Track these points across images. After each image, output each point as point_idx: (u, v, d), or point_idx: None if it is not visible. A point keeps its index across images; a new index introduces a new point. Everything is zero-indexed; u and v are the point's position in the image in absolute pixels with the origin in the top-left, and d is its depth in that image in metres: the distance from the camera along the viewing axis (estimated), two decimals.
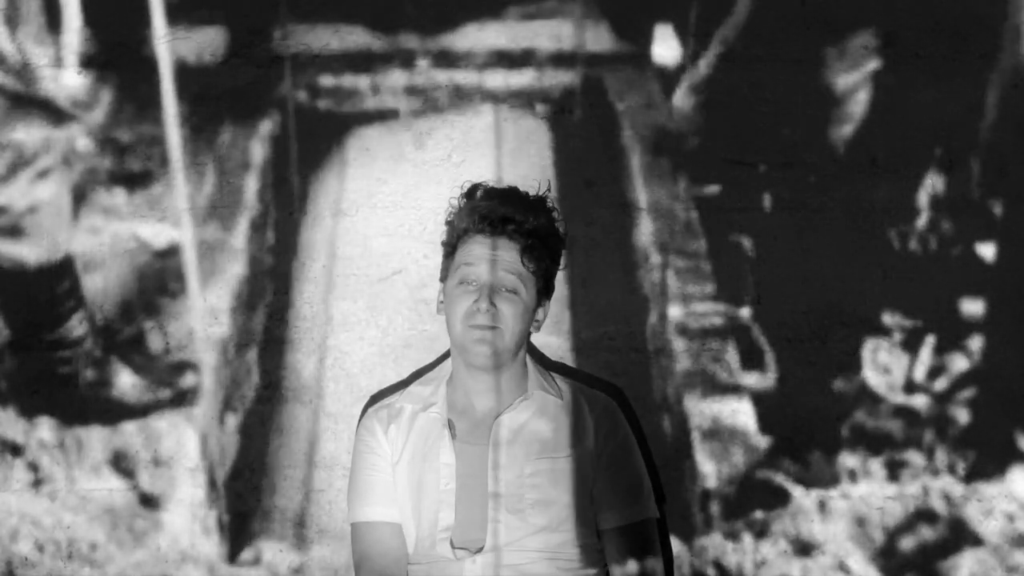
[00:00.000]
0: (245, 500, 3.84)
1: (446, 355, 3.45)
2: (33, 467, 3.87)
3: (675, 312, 3.80)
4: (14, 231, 3.89)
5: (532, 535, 3.31)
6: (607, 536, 3.38)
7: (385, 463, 3.41)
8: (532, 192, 3.44)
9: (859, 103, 3.78)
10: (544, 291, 3.39)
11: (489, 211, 3.34)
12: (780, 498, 3.77)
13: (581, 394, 3.45)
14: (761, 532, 3.77)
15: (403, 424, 3.42)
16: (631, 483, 3.39)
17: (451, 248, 3.40)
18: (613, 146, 3.79)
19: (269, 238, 3.84)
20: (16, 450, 3.87)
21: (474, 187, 3.42)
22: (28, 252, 3.88)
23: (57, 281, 3.87)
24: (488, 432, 3.34)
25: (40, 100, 3.90)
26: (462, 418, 3.38)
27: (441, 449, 3.35)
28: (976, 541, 3.77)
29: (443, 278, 3.45)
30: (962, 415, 3.77)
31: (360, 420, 3.56)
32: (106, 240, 3.86)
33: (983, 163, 3.77)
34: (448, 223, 3.41)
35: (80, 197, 3.87)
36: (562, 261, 3.49)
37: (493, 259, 3.31)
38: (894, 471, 3.78)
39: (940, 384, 3.77)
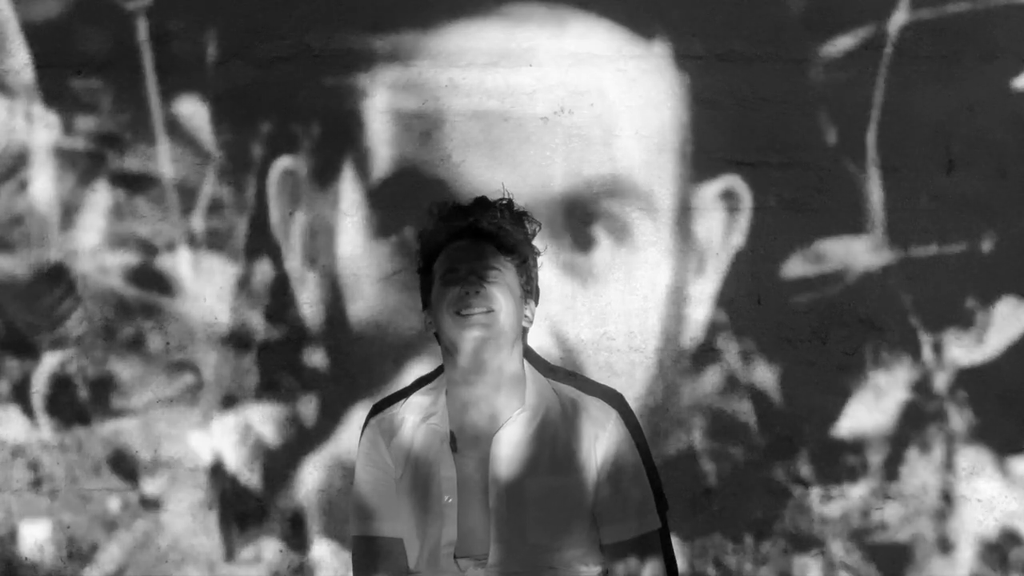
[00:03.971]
0: (245, 500, 3.84)
1: (442, 368, 3.46)
2: (33, 467, 3.87)
3: (675, 312, 3.80)
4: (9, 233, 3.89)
5: (532, 551, 3.31)
6: (609, 549, 3.38)
7: (387, 476, 3.41)
8: (496, 200, 3.49)
9: (859, 103, 3.78)
10: (527, 286, 3.41)
11: (456, 219, 3.37)
12: (780, 498, 3.77)
13: (581, 403, 3.45)
14: (761, 532, 3.77)
15: (405, 436, 3.42)
16: (632, 496, 3.40)
17: (428, 268, 3.41)
18: (613, 146, 3.79)
19: (269, 238, 3.84)
20: (16, 450, 3.87)
21: (438, 207, 3.45)
22: (24, 253, 3.88)
23: (55, 281, 3.87)
24: (487, 446, 3.34)
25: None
26: (462, 430, 3.38)
27: (442, 462, 3.35)
28: (976, 542, 3.77)
29: (425, 305, 3.46)
30: (962, 415, 3.77)
31: (363, 432, 3.57)
32: (105, 240, 3.86)
33: (983, 163, 3.77)
34: (420, 246, 3.44)
35: (79, 197, 3.87)
36: (538, 260, 3.51)
37: (471, 252, 3.33)
38: (894, 471, 3.77)
39: (940, 384, 3.77)
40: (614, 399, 3.70)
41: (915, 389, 3.78)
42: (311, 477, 3.83)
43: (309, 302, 3.82)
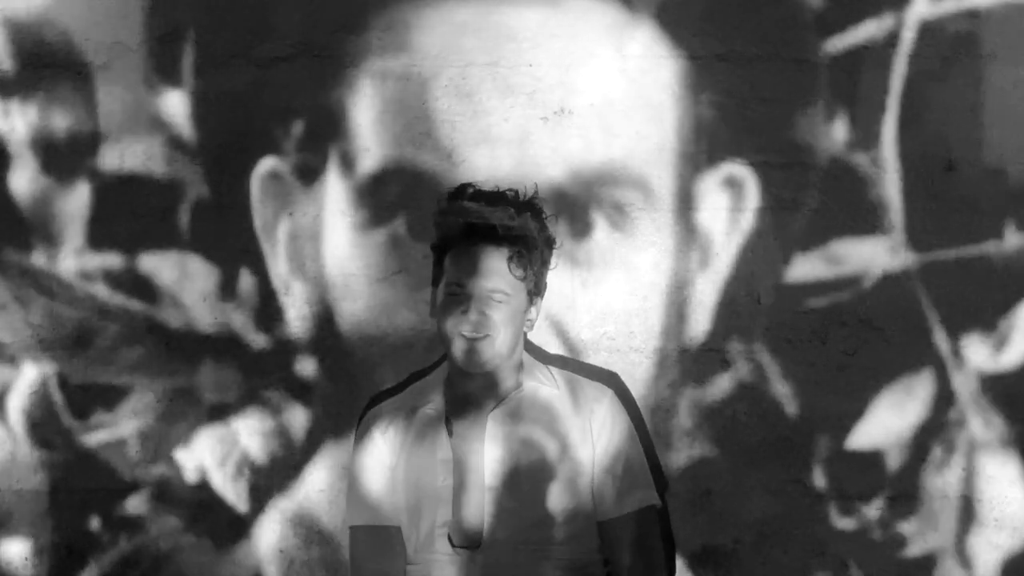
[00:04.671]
0: (245, 500, 3.84)
1: (443, 358, 3.46)
2: (16, 478, 3.85)
3: (675, 312, 3.80)
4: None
5: (529, 531, 3.32)
6: (606, 526, 3.39)
7: (383, 466, 3.41)
8: (520, 193, 3.46)
9: (859, 103, 3.78)
10: (535, 291, 3.40)
11: (476, 218, 3.34)
12: (780, 499, 3.78)
13: (577, 383, 3.46)
14: (761, 534, 3.78)
15: (401, 423, 3.43)
16: (629, 471, 3.40)
17: (440, 253, 3.40)
18: (613, 146, 3.79)
19: (270, 238, 3.83)
20: None
21: (461, 189, 3.42)
22: (4, 254, 3.87)
23: (37, 285, 3.86)
24: (483, 427, 3.35)
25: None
26: (459, 414, 3.39)
27: (438, 446, 3.36)
28: (997, 555, 3.77)
29: (434, 283, 3.45)
30: (964, 415, 3.78)
31: (359, 423, 3.57)
32: (88, 242, 3.84)
33: (984, 163, 3.78)
34: (436, 224, 3.42)
35: (62, 197, 3.85)
36: (552, 260, 3.50)
37: (481, 269, 3.31)
38: (898, 474, 3.78)
39: (946, 387, 3.78)
40: (610, 380, 3.69)
41: (918, 392, 3.79)
42: (311, 477, 3.82)
43: (309, 302, 3.81)
